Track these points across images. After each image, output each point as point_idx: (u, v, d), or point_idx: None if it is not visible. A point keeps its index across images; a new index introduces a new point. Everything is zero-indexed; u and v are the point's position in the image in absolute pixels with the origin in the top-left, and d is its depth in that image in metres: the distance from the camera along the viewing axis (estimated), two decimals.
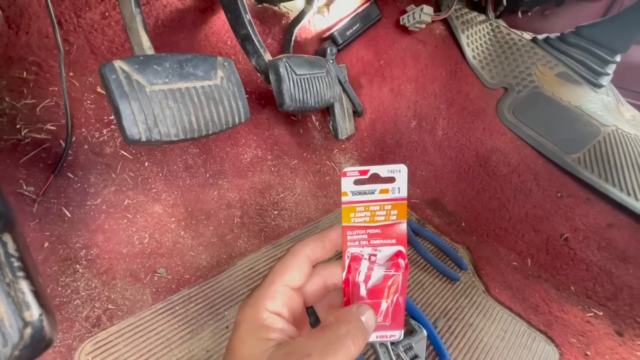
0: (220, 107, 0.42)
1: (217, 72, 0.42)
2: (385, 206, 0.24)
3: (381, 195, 0.24)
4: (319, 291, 0.25)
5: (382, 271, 0.24)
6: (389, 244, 0.24)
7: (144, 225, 0.65)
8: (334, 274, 0.25)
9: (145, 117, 0.36)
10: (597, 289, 0.81)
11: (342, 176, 0.24)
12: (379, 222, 0.24)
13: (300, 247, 0.25)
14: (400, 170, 0.24)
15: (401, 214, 0.24)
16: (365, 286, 0.24)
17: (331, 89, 0.68)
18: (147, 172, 0.69)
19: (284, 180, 0.89)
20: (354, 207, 0.24)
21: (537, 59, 1.06)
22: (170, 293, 0.62)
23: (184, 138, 0.39)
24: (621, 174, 0.84)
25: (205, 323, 0.61)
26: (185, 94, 0.39)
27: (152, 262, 0.63)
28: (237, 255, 0.72)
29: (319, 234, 0.25)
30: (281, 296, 0.23)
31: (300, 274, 0.23)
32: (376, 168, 0.24)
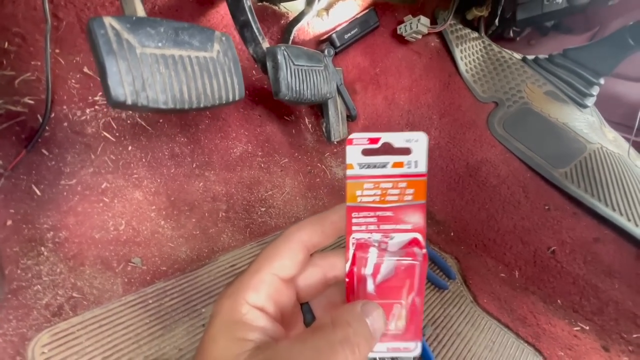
0: (215, 80, 0.40)
1: (213, 45, 0.41)
2: (399, 183, 0.20)
3: (394, 169, 0.20)
4: (316, 285, 0.22)
5: (394, 262, 0.20)
6: (402, 229, 0.20)
7: (121, 211, 0.61)
8: (336, 265, 0.21)
9: (133, 79, 0.33)
10: (584, 303, 0.81)
11: (347, 144, 0.20)
12: (391, 202, 0.20)
13: (294, 230, 0.21)
14: (419, 140, 0.19)
15: (418, 194, 0.20)
16: (374, 281, 0.20)
17: (328, 83, 0.67)
18: (129, 156, 0.66)
19: (274, 177, 0.87)
20: (360, 184, 0.20)
21: (527, 77, 1.09)
22: (143, 285, 0.57)
23: (173, 107, 0.36)
24: (606, 190, 0.86)
25: (180, 319, 0.57)
26: (179, 62, 0.36)
27: (127, 250, 0.59)
28: (219, 250, 0.69)
29: (318, 216, 0.21)
30: (267, 287, 0.19)
31: (292, 262, 0.20)
32: (390, 135, 0.20)
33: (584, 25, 1.57)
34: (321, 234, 0.21)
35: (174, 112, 0.38)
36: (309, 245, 0.21)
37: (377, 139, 0.20)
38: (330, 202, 0.97)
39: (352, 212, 0.20)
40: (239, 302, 0.18)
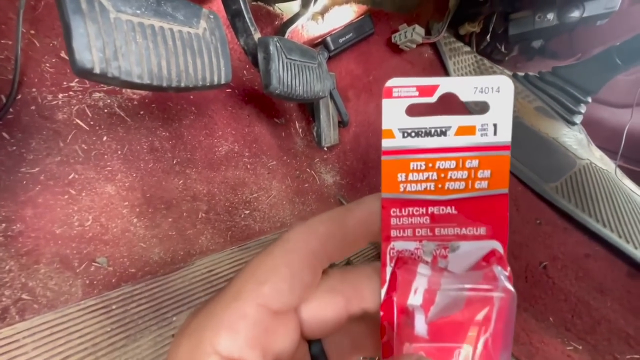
0: (199, 59, 0.36)
1: (200, 22, 0.37)
2: (468, 161, 0.13)
3: (460, 138, 0.13)
4: (332, 319, 0.14)
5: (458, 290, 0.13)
6: (472, 235, 0.14)
7: (89, 206, 0.55)
8: (363, 291, 0.14)
9: (103, 45, 0.29)
10: (576, 321, 0.78)
11: (385, 96, 0.13)
12: (453, 192, 0.14)
13: (299, 233, 0.14)
14: (501, 88, 0.13)
15: (498, 177, 0.13)
16: (425, 317, 0.13)
17: (321, 82, 0.64)
18: (104, 147, 0.60)
19: (260, 179, 0.82)
20: (405, 162, 0.13)
21: (518, 92, 1.10)
22: (108, 288, 0.51)
23: (150, 83, 0.32)
24: (596, 205, 0.85)
25: (147, 328, 0.51)
26: (159, 34, 0.33)
27: (92, 249, 0.53)
28: (196, 253, 0.63)
29: (336, 211, 0.14)
30: (251, 327, 0.12)
31: (292, 284, 0.13)
32: (453, 82, 0.13)
33: (569, 51, 1.62)
34: (341, 239, 0.14)
35: (150, 89, 0.34)
36: (320, 256, 0.14)
37: (432, 87, 0.13)
38: (319, 208, 0.93)
39: (390, 207, 0.14)
40: (203, 350, 0.12)
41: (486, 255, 0.14)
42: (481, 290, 0.13)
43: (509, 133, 0.13)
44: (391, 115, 0.13)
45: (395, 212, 0.14)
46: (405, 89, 0.13)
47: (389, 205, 0.14)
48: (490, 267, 0.13)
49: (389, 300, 0.13)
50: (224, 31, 0.40)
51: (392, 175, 0.14)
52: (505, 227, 0.14)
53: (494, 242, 0.14)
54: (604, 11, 0.89)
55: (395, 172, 0.14)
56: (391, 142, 0.14)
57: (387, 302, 0.13)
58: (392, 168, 0.14)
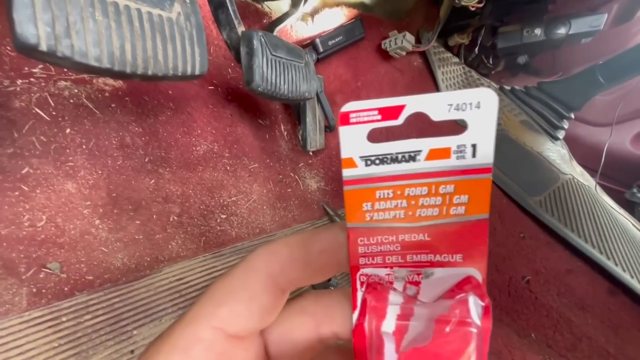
0: (170, 46, 0.32)
1: (173, 5, 0.34)
2: (442, 186, 0.12)
3: (433, 163, 0.12)
4: (304, 343, 0.14)
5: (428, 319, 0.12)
6: (447, 262, 0.12)
7: (43, 204, 0.50)
8: (337, 314, 0.14)
9: (52, 19, 0.25)
10: (557, 338, 0.77)
11: (340, 123, 0.12)
12: (426, 219, 0.12)
13: (260, 255, 0.13)
14: (481, 104, 0.11)
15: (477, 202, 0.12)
16: (397, 346, 0.12)
17: (308, 82, 0.61)
18: (66, 140, 0.55)
19: (240, 182, 0.78)
20: (370, 191, 0.12)
21: (504, 106, 1.10)
22: (59, 298, 0.46)
23: (110, 68, 0.28)
24: (578, 220, 0.85)
25: (102, 344, 0.45)
26: (124, 13, 0.29)
27: (43, 252, 0.47)
28: (165, 259, 0.58)
29: (302, 237, 0.14)
30: (204, 350, 0.12)
31: (252, 309, 0.13)
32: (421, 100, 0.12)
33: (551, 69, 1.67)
34: (304, 267, 0.13)
35: (111, 75, 0.30)
36: (281, 280, 0.13)
37: (397, 107, 0.12)
38: (301, 215, 0.90)
39: (357, 236, 0.13)
40: None
41: (461, 282, 0.12)
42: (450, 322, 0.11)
43: (490, 154, 0.11)
44: (350, 142, 0.12)
45: (363, 240, 0.13)
46: (364, 113, 0.12)
47: (356, 235, 0.13)
48: (467, 295, 0.12)
49: (359, 326, 0.13)
50: (200, 18, 0.37)
51: (357, 205, 0.12)
52: (484, 253, 0.12)
53: (470, 269, 0.12)
54: (589, 29, 0.90)
55: (359, 201, 0.12)
56: (353, 172, 0.12)
57: (358, 328, 0.13)
58: (356, 198, 0.12)
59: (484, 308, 0.12)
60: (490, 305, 0.12)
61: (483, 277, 0.12)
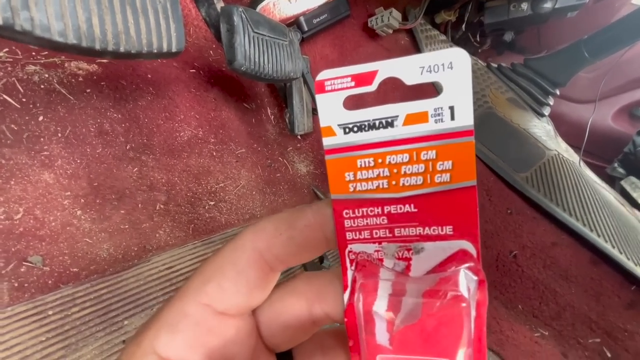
0: (143, 19, 0.30)
1: None
2: (423, 152, 0.11)
3: (411, 127, 0.11)
4: (297, 324, 0.14)
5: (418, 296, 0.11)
6: (437, 235, 0.12)
7: (19, 196, 0.47)
8: (328, 294, 0.13)
9: None
10: (543, 308, 0.80)
11: (317, 91, 0.12)
12: (411, 188, 0.12)
13: (246, 235, 0.13)
14: (453, 65, 0.11)
15: (462, 168, 0.11)
16: (389, 325, 0.12)
17: (293, 61, 0.59)
18: (39, 128, 0.52)
19: (227, 168, 0.76)
20: (351, 160, 0.12)
21: (491, 83, 1.10)
22: (43, 291, 0.44)
23: (78, 44, 0.26)
24: (564, 195, 0.87)
25: (92, 335, 0.45)
26: None
27: (23, 246, 0.45)
28: (152, 248, 0.57)
29: (285, 214, 0.13)
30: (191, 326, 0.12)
31: (239, 284, 0.12)
32: (394, 64, 0.11)
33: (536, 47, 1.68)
34: (289, 242, 0.13)
35: (79, 52, 0.28)
36: (269, 258, 0.13)
37: (370, 73, 0.12)
38: (291, 199, 0.89)
39: (342, 209, 0.12)
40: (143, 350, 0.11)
41: (452, 256, 0.12)
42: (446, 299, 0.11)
43: (470, 115, 0.11)
44: (328, 110, 0.12)
45: (349, 213, 0.12)
46: (339, 80, 0.12)
47: (341, 207, 0.12)
48: (458, 268, 0.12)
49: (351, 306, 0.12)
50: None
51: (339, 175, 0.12)
52: (475, 223, 0.12)
53: (462, 241, 0.12)
54: (575, 3, 0.90)
55: (341, 171, 0.12)
56: (332, 140, 0.12)
57: (349, 308, 0.12)
58: (337, 167, 0.12)
59: (478, 282, 0.11)
60: (485, 280, 0.11)
61: (477, 250, 0.12)
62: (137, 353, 0.12)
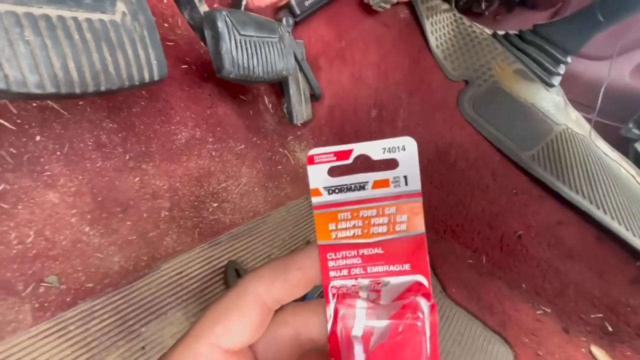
0: (120, 53, 0.29)
1: (115, 4, 0.29)
2: (387, 208, 0.15)
3: (377, 190, 0.15)
4: (287, 350, 0.16)
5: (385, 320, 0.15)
6: (398, 271, 0.15)
7: (28, 219, 0.49)
8: (312, 324, 0.16)
9: None
10: (546, 286, 0.82)
11: (308, 163, 0.16)
12: (378, 235, 0.15)
13: (248, 282, 0.15)
14: (406, 147, 0.15)
15: (414, 221, 0.15)
16: (365, 346, 0.14)
17: (284, 58, 0.57)
18: (37, 148, 0.53)
19: (228, 167, 0.77)
20: (333, 214, 0.15)
21: (497, 54, 1.04)
22: (62, 308, 0.47)
23: (56, 92, 0.26)
24: (571, 173, 0.85)
25: (113, 345, 0.48)
26: (58, 26, 0.25)
27: (38, 268, 0.48)
28: (162, 256, 0.59)
29: (281, 260, 0.16)
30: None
31: (244, 326, 0.15)
32: (364, 146, 0.15)
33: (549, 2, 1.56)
34: (285, 284, 0.15)
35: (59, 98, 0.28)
36: (268, 301, 0.15)
37: (347, 151, 0.15)
38: (294, 191, 0.89)
39: (326, 252, 0.16)
40: None
41: (410, 287, 0.15)
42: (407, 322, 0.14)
43: (418, 182, 0.15)
44: (316, 177, 0.15)
45: (331, 255, 0.16)
46: (324, 155, 0.15)
47: (325, 251, 0.15)
48: (415, 297, 0.15)
49: (333, 333, 0.15)
50: (150, 14, 0.32)
51: (324, 226, 0.15)
52: (425, 261, 0.15)
53: (417, 275, 0.15)
54: None
55: (326, 222, 0.15)
56: (319, 199, 0.15)
57: (332, 334, 0.15)
58: (323, 220, 0.15)
59: (430, 306, 0.15)
60: (436, 304, 0.15)
61: (428, 282, 0.15)
62: None
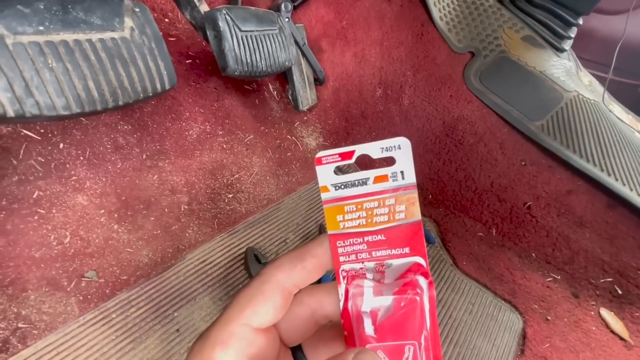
0: (132, 68, 0.31)
1: (124, 21, 0.31)
2: (387, 200, 0.17)
3: (378, 185, 0.17)
4: (305, 327, 0.19)
5: (392, 296, 0.17)
6: (399, 254, 0.17)
7: (63, 222, 0.53)
8: (324, 302, 0.18)
9: (8, 83, 0.24)
10: (556, 254, 0.83)
11: (316, 164, 0.18)
12: (380, 224, 0.17)
13: (270, 270, 0.18)
14: (401, 146, 0.17)
15: (411, 210, 0.17)
16: (373, 320, 0.17)
17: (286, 50, 0.57)
18: (62, 155, 0.56)
19: (239, 158, 0.79)
20: (340, 207, 0.18)
21: (504, 21, 1.01)
22: (103, 299, 0.52)
23: (81, 112, 0.28)
24: (581, 140, 0.84)
25: (151, 329, 0.53)
26: (75, 50, 0.28)
27: (78, 265, 0.52)
28: (185, 247, 0.63)
29: (297, 251, 0.18)
30: (237, 341, 0.16)
31: (268, 308, 0.17)
32: (364, 147, 0.17)
33: None
34: (302, 271, 0.18)
35: (84, 116, 0.30)
36: (288, 285, 0.18)
37: (350, 152, 0.17)
38: (305, 176, 0.92)
39: (336, 240, 0.18)
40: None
41: (410, 267, 0.17)
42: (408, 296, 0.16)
43: (413, 176, 0.17)
44: (324, 176, 0.18)
45: (340, 243, 0.18)
46: (330, 156, 0.17)
47: (335, 239, 0.18)
48: (414, 275, 0.17)
49: (345, 309, 0.18)
50: (155, 26, 0.34)
51: (333, 218, 0.18)
52: (422, 245, 0.17)
53: (416, 257, 0.17)
54: None
55: (335, 215, 0.18)
56: (328, 194, 0.18)
57: (345, 311, 0.18)
58: (332, 212, 0.18)
59: (428, 283, 0.17)
60: (433, 281, 0.17)
61: (426, 262, 0.17)
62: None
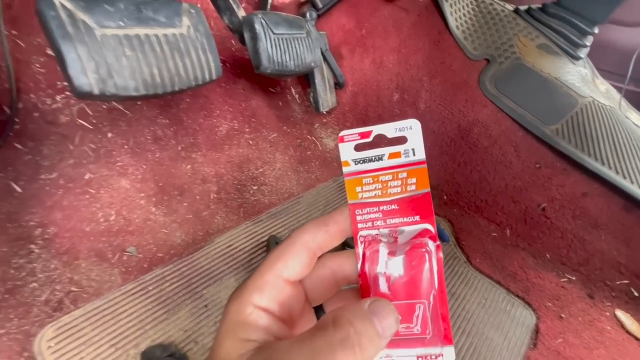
0: (187, 59, 0.37)
1: (182, 20, 0.37)
2: (400, 174, 0.19)
3: (392, 160, 0.19)
4: (326, 287, 0.21)
5: (404, 255, 0.19)
6: (411, 222, 0.19)
7: (109, 202, 0.59)
8: (344, 265, 0.21)
9: (96, 66, 0.30)
10: (571, 256, 0.84)
11: (339, 141, 0.20)
12: (394, 195, 0.19)
13: (298, 232, 0.20)
14: (412, 127, 0.19)
15: (421, 182, 0.19)
16: (387, 280, 0.19)
17: (312, 52, 0.63)
18: (110, 143, 0.63)
19: (263, 154, 0.85)
20: (359, 179, 0.20)
21: (519, 30, 1.04)
22: (142, 273, 0.57)
23: (146, 94, 0.34)
24: (596, 144, 0.86)
25: (182, 303, 0.58)
26: (145, 42, 0.33)
27: (120, 240, 0.58)
28: (214, 232, 0.68)
29: (321, 218, 0.21)
30: (271, 288, 0.19)
31: (296, 263, 0.19)
32: (380, 127, 0.19)
33: None
34: (325, 234, 0.20)
35: (146, 99, 0.36)
36: (313, 246, 0.20)
37: (368, 132, 0.19)
38: (323, 174, 0.96)
39: (355, 209, 0.20)
40: (244, 304, 0.18)
41: (421, 232, 0.20)
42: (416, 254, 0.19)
43: (423, 153, 0.19)
44: (346, 152, 0.20)
45: (359, 211, 0.20)
46: (351, 135, 0.20)
47: (354, 208, 0.20)
48: (424, 239, 0.19)
49: (363, 270, 0.20)
50: (207, 24, 0.40)
51: (353, 189, 0.20)
52: (431, 213, 0.19)
53: (425, 224, 0.19)
54: None
55: (354, 186, 0.20)
56: (348, 168, 0.20)
57: (362, 272, 0.20)
58: (352, 184, 0.20)
59: (436, 246, 0.19)
60: (441, 245, 0.19)
61: (434, 228, 0.19)
62: (240, 306, 0.18)
